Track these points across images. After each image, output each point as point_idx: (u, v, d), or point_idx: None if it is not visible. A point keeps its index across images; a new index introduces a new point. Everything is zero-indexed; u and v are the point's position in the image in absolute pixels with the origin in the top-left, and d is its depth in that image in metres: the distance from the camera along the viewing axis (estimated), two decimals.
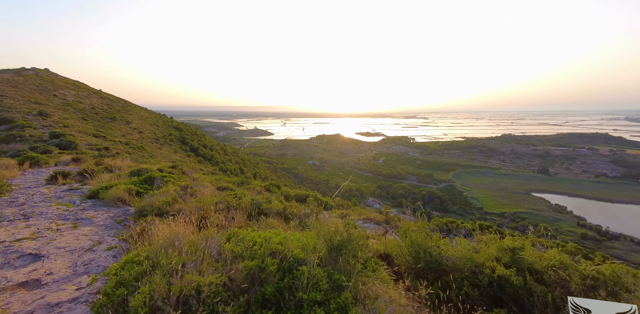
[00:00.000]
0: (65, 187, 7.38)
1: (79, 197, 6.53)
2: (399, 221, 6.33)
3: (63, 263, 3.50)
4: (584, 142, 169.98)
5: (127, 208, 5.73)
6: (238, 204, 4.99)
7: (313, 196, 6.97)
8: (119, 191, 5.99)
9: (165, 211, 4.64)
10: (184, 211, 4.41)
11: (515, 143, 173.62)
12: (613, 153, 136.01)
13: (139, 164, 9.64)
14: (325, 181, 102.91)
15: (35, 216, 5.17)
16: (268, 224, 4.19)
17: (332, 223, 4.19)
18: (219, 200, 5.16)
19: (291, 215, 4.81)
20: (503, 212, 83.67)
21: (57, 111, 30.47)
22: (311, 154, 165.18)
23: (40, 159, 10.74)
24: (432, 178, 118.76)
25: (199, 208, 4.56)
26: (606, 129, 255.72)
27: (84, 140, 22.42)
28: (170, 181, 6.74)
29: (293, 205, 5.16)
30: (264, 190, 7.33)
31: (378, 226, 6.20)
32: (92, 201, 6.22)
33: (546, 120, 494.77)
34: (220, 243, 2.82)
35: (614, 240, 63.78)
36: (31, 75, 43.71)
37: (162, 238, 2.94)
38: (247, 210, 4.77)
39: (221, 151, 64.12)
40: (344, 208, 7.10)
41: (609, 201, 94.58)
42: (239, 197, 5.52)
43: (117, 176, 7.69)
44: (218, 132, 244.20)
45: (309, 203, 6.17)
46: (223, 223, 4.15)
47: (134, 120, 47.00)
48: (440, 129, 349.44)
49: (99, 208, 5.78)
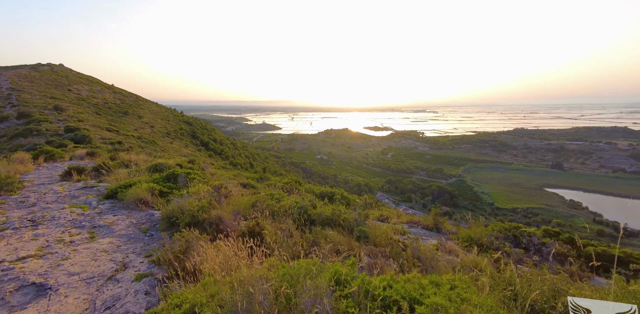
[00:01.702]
0: (80, 184, 6.91)
1: (95, 197, 5.98)
2: (452, 226, 5.61)
3: (77, 303, 2.55)
4: (601, 136, 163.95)
5: (151, 212, 5.10)
6: (280, 208, 4.44)
7: (339, 193, 6.64)
8: (141, 191, 5.36)
9: (201, 220, 3.91)
10: (223, 219, 3.74)
11: (528, 137, 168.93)
12: (632, 147, 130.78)
13: (155, 158, 9.56)
14: (333, 176, 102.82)
15: (46, 222, 4.48)
16: (328, 238, 3.56)
17: (386, 230, 3.81)
18: (254, 201, 4.68)
19: (344, 221, 4.15)
20: (515, 207, 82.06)
21: (71, 105, 31.00)
22: (319, 149, 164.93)
23: (55, 153, 10.61)
24: (442, 173, 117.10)
25: (237, 213, 4.03)
26: (625, 122, 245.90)
27: (98, 134, 22.75)
28: (196, 178, 6.13)
29: (341, 209, 4.53)
30: (286, 187, 7.06)
31: (428, 232, 5.47)
32: (110, 203, 5.66)
33: (561, 113, 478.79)
34: (320, 293, 1.79)
35: (632, 237, 61.87)
36: (47, 70, 44.52)
37: (213, 269, 2.37)
38: (292, 216, 4.22)
39: (231, 145, 64.55)
40: (371, 207, 6.75)
41: (627, 197, 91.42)
42: (277, 199, 4.98)
43: (135, 172, 7.22)
44: (227, 127, 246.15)
45: (336, 201, 5.92)
46: (280, 239, 3.48)
47: (146, 114, 47.56)
48: (450, 123, 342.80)
49: (119, 212, 5.17)
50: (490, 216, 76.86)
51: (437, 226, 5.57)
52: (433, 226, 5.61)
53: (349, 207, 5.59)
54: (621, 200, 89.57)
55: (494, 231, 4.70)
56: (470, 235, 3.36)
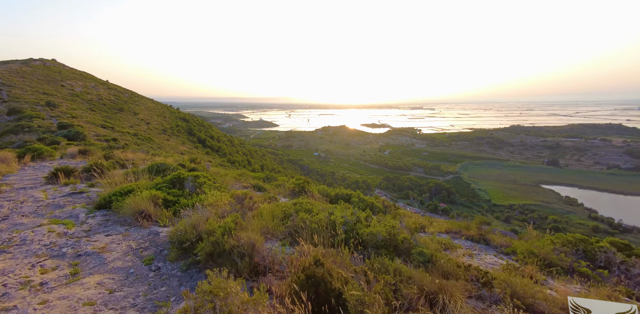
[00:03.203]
0: (68, 189, 5.85)
1: (85, 207, 4.87)
2: (499, 237, 4.80)
3: None
4: (596, 132, 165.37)
5: (155, 230, 4.07)
6: (319, 224, 3.50)
7: (356, 196, 6.18)
8: (141, 201, 4.33)
9: (228, 248, 2.90)
10: (258, 248, 2.86)
11: (524, 134, 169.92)
12: (627, 144, 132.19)
13: (152, 157, 9.06)
14: (331, 173, 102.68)
15: (12, 248, 3.31)
16: (402, 274, 2.65)
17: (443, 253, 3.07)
18: (283, 212, 3.83)
19: (403, 242, 3.30)
20: (511, 204, 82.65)
21: (65, 101, 30.24)
22: (316, 146, 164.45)
23: (44, 151, 9.68)
24: (439, 169, 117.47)
25: (267, 231, 3.26)
26: (619, 119, 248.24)
27: (92, 131, 22.16)
28: (206, 183, 5.19)
29: (394, 225, 3.52)
30: (297, 188, 6.60)
31: (475, 244, 4.69)
32: (102, 215, 4.55)
33: (556, 110, 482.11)
34: None
35: (626, 233, 62.68)
36: (39, 65, 43.43)
37: None
38: (338, 237, 3.33)
39: (228, 142, 63.95)
40: (390, 210, 6.33)
41: (622, 193, 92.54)
42: (308, 209, 4.09)
43: (132, 174, 6.24)
44: (224, 124, 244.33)
45: (353, 204, 5.52)
46: (338, 273, 2.44)
47: (141, 111, 46.75)
48: (447, 120, 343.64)
49: (113, 229, 4.10)
50: (487, 213, 77.36)
51: (484, 237, 4.83)
52: (479, 237, 4.85)
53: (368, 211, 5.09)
54: (616, 197, 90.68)
55: (556, 245, 3.99)
56: (531, 249, 2.91)
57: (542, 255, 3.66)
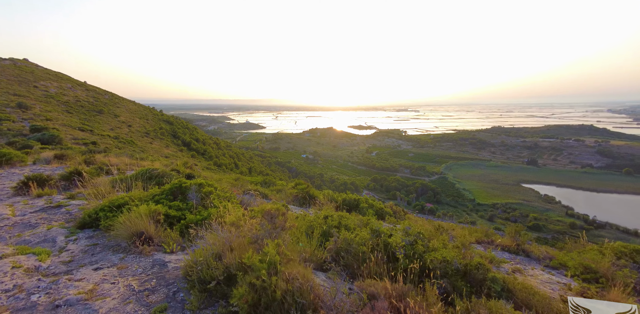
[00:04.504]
0: (42, 202, 4.85)
1: (63, 226, 3.84)
2: (534, 246, 4.20)
3: None
4: (570, 133, 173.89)
5: (160, 258, 3.16)
6: (364, 247, 2.80)
7: (364, 201, 5.82)
8: (138, 219, 3.40)
9: (280, 296, 2.05)
10: (320, 295, 2.12)
11: (505, 135, 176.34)
12: (598, 144, 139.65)
13: (138, 161, 8.50)
14: (319, 175, 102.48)
15: None
16: None
17: None
18: (323, 232, 3.14)
19: (478, 268, 2.66)
20: (495, 203, 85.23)
21: (38, 103, 28.61)
22: (304, 148, 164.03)
23: (14, 156, 8.51)
24: (425, 170, 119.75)
25: (305, 258, 2.59)
26: (590, 121, 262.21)
27: (69, 134, 21.02)
28: (213, 193, 4.39)
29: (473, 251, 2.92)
30: (300, 194, 6.26)
31: (514, 256, 4.11)
32: (86, 237, 3.61)
33: (534, 112, 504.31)
34: None
35: (600, 229, 65.93)
36: (9, 65, 41.00)
37: None
38: (397, 264, 2.73)
39: (214, 145, 62.59)
40: (398, 216, 6.09)
41: (595, 191, 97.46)
42: (344, 225, 3.31)
43: (120, 182, 5.37)
44: (209, 126, 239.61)
45: (362, 210, 5.26)
46: None
47: (123, 113, 44.98)
48: (431, 122, 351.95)
49: (103, 258, 3.12)
50: (472, 212, 79.44)
51: (521, 247, 4.23)
52: (516, 248, 4.24)
53: (380, 218, 4.72)
54: (590, 194, 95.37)
55: (607, 256, 3.42)
56: (585, 264, 2.47)
57: (602, 271, 3.10)
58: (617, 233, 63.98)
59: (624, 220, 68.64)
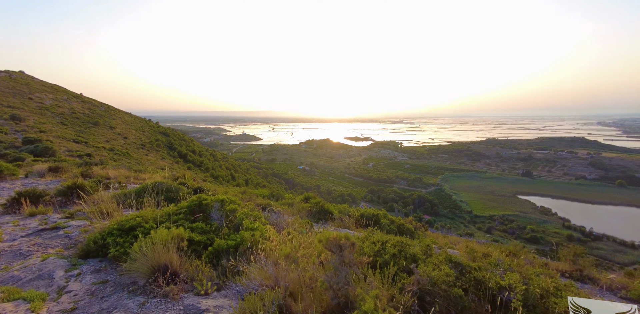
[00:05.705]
0: (36, 223, 4.18)
1: (62, 255, 3.11)
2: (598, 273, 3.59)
3: None
4: (562, 145, 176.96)
5: (194, 305, 2.37)
6: (454, 283, 2.33)
7: (383, 215, 5.50)
8: (161, 250, 2.62)
9: None
10: None
11: (499, 147, 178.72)
12: (590, 156, 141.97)
13: (138, 174, 8.23)
14: (316, 187, 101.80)
15: None
16: None
17: None
18: (392, 258, 2.58)
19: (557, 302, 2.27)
20: (492, 215, 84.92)
21: (32, 115, 28.32)
22: (301, 159, 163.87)
23: (4, 169, 7.96)
24: (421, 181, 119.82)
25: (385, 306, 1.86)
26: (582, 133, 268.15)
27: (63, 146, 20.67)
28: (238, 210, 3.73)
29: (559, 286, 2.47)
30: (314, 209, 5.94)
31: (575, 283, 3.29)
32: (92, 270, 2.88)
33: (526, 124, 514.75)
34: None
35: (598, 241, 65.67)
36: (4, 77, 40.93)
37: None
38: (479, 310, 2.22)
39: (210, 157, 62.15)
40: (419, 229, 5.79)
41: (590, 202, 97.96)
42: (412, 256, 2.70)
43: (123, 197, 4.76)
44: (205, 137, 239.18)
45: (383, 225, 5.03)
46: None
47: (118, 125, 44.71)
48: (426, 134, 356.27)
49: (117, 305, 2.32)
50: (469, 224, 78.91)
51: (586, 273, 3.54)
52: (578, 274, 3.58)
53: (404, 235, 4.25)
54: (585, 206, 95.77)
55: None
56: None
57: None
58: (615, 246, 63.75)
59: (620, 232, 68.61)
